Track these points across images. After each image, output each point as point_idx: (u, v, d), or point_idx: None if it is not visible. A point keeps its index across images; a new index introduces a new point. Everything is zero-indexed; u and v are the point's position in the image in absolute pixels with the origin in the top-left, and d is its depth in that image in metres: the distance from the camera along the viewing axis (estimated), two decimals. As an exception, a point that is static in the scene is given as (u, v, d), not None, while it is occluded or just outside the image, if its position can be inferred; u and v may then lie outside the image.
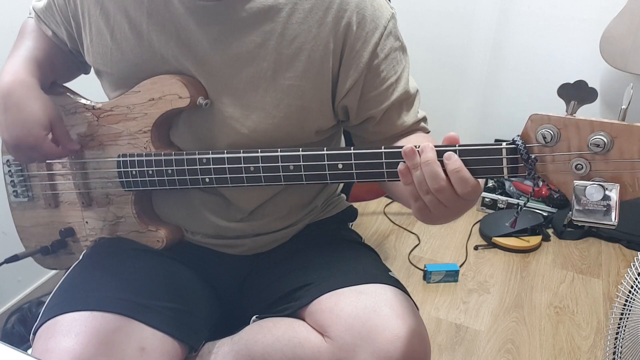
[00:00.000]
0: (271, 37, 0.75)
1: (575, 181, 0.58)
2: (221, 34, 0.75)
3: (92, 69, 0.90)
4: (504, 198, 2.18)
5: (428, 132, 0.87)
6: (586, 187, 0.57)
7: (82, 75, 0.99)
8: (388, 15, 0.78)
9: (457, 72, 2.38)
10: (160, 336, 0.75)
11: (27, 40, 0.89)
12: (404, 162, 0.63)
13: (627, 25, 1.84)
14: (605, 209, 0.57)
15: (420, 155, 0.62)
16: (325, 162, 0.70)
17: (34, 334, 0.74)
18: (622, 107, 0.59)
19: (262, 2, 0.75)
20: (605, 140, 0.57)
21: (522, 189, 2.19)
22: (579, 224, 0.59)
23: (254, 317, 0.82)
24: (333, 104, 0.81)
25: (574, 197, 0.58)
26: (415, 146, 0.62)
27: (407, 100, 0.82)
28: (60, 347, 0.68)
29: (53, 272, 1.62)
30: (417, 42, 2.32)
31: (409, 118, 0.83)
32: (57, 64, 0.91)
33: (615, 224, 0.57)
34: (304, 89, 0.77)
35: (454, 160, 0.61)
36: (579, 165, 0.59)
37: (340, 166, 0.69)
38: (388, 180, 0.68)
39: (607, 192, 0.57)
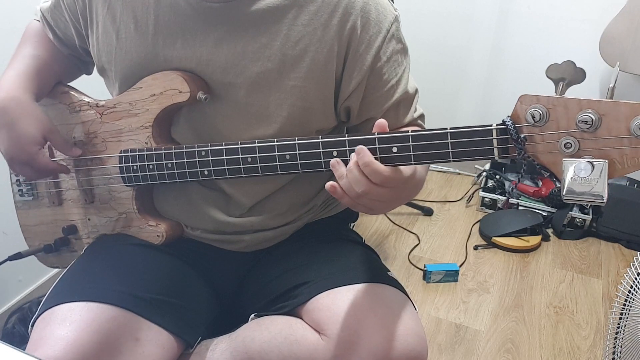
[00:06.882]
0: (276, 38, 0.76)
1: (564, 159, 0.59)
2: (227, 34, 0.76)
3: (94, 70, 0.91)
4: (504, 198, 2.18)
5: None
6: (575, 164, 0.58)
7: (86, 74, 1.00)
8: (391, 18, 0.79)
9: (457, 72, 2.38)
10: (156, 329, 0.76)
11: (26, 47, 0.90)
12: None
13: (627, 25, 1.84)
14: (595, 185, 0.57)
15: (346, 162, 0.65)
16: (320, 150, 0.70)
17: (32, 325, 0.75)
18: (610, 85, 0.59)
19: (268, 4, 0.75)
20: (593, 117, 0.57)
21: (521, 189, 2.19)
22: (569, 202, 0.59)
23: (252, 315, 0.82)
24: (335, 105, 0.82)
25: (563, 174, 0.59)
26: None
27: (406, 100, 0.84)
28: (54, 335, 0.69)
29: (54, 271, 1.63)
30: (418, 42, 2.32)
31: (406, 117, 0.85)
32: (58, 68, 0.92)
33: (604, 201, 0.58)
34: (308, 89, 0.78)
35: (362, 155, 0.63)
36: (568, 144, 0.59)
37: (335, 154, 0.69)
38: None
39: (595, 169, 0.57)
